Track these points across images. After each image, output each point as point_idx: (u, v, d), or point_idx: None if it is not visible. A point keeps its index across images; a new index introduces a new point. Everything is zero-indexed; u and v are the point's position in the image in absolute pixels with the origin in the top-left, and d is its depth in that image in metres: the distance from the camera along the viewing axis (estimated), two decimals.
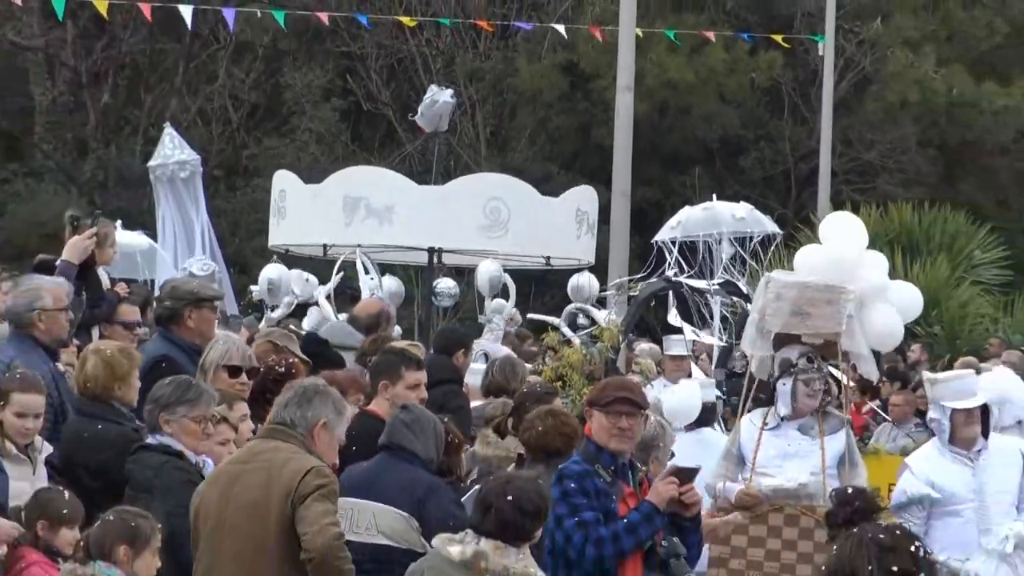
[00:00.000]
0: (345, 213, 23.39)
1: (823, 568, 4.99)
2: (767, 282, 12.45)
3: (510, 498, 7.51)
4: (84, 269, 12.40)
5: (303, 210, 24.32)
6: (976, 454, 11.33)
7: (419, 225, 23.21)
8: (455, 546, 7.51)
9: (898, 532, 4.90)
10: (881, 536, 4.82)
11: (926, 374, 13.03)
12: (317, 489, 7.95)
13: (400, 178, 24.79)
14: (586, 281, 23.17)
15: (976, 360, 19.83)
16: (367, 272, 22.00)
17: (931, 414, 11.82)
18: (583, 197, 24.73)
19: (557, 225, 23.68)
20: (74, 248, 12.40)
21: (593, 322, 21.75)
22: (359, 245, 22.57)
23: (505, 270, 23.56)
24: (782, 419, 11.96)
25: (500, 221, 23.03)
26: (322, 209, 23.88)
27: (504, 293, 23.16)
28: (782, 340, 12.23)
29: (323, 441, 8.33)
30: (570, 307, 22.93)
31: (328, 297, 20.94)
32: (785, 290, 12.23)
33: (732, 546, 11.70)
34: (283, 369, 10.58)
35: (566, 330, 22.52)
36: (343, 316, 18.13)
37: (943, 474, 11.30)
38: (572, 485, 8.97)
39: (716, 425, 15.04)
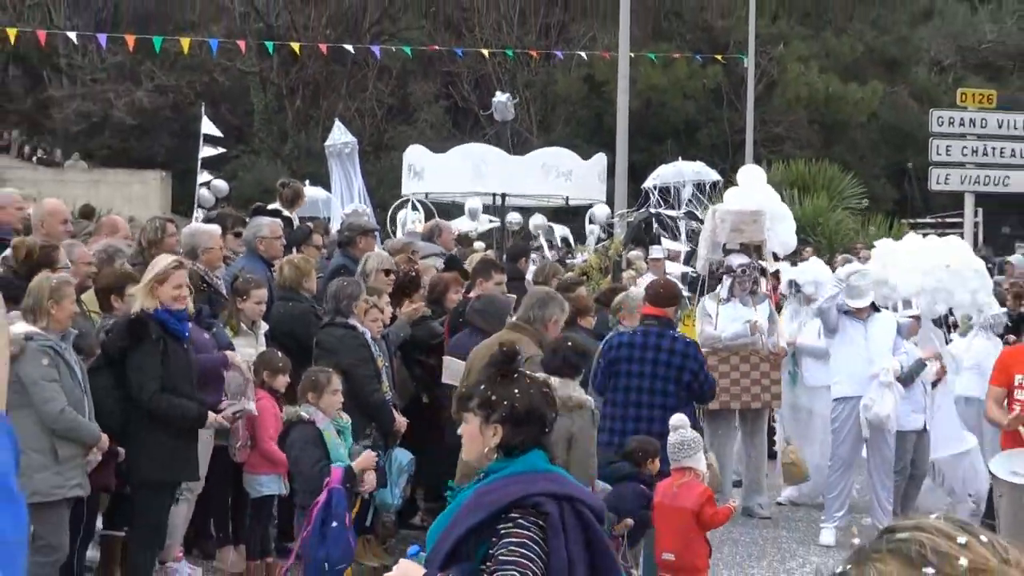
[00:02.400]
0: (406, 174, 23.39)
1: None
2: (714, 212, 12.45)
3: (569, 344, 7.36)
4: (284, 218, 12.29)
5: (400, 173, 24.46)
6: (866, 320, 11.19)
7: (436, 179, 23.01)
8: None
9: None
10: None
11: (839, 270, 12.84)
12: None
13: (425, 150, 24.34)
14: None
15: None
16: (415, 209, 21.90)
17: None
18: (548, 155, 23.90)
19: (525, 175, 23.09)
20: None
21: (555, 237, 21.95)
22: (413, 193, 22.64)
23: (490, 207, 23.50)
24: (725, 299, 11.95)
25: (481, 174, 22.70)
26: (401, 172, 24.02)
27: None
28: (728, 250, 12.23)
29: (552, 331, 8.03)
30: (544, 224, 22.91)
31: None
32: (727, 215, 12.25)
33: None
34: (413, 274, 10.43)
35: (543, 240, 22.47)
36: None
37: (847, 329, 11.13)
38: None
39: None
